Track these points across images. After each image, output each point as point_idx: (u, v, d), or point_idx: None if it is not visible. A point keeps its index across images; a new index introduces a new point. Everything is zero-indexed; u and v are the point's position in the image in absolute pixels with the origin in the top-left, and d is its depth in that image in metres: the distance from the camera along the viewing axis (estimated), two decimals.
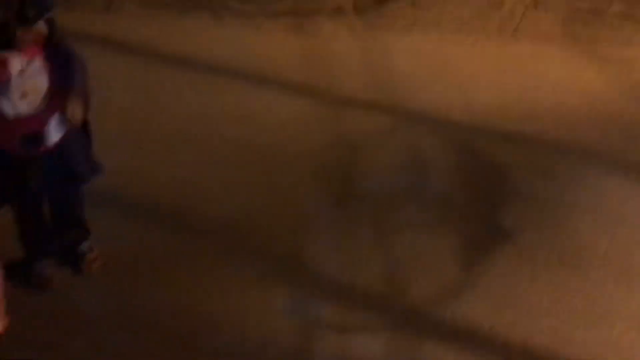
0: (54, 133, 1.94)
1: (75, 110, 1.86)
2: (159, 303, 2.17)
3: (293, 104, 3.31)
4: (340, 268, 2.36)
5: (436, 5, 4.47)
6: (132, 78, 3.47)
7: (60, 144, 1.98)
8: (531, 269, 2.39)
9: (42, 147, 1.94)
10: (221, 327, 2.12)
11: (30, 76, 1.82)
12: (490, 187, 2.78)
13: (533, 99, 3.44)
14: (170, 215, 2.53)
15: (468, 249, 2.46)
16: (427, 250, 2.44)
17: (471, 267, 2.39)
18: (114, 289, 2.23)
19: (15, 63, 1.79)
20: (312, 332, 2.13)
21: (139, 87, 3.39)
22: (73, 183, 2.13)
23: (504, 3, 4.52)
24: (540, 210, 2.65)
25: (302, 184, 2.74)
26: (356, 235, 2.50)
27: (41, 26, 1.83)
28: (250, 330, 2.11)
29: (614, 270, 2.39)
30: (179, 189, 2.65)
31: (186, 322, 2.13)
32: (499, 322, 2.19)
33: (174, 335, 2.08)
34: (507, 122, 3.23)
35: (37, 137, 1.92)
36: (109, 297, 2.21)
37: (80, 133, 2.05)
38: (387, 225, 2.55)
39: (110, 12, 4.24)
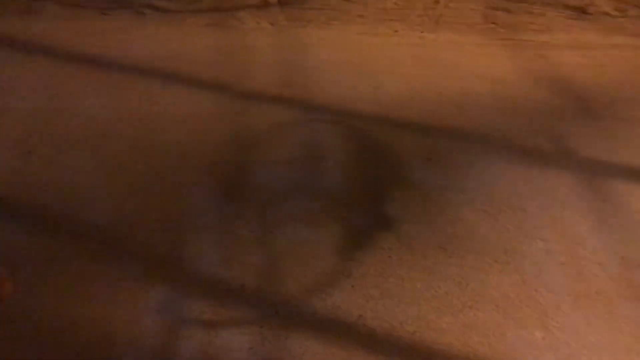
0: None
1: None
2: (29, 308, 2.16)
3: (197, 101, 3.32)
4: (218, 264, 2.36)
5: None
6: (40, 81, 3.46)
7: None
8: (409, 257, 2.40)
9: None
10: (86, 331, 2.11)
11: None
12: (380, 177, 2.80)
13: (442, 87, 3.46)
14: (52, 219, 2.52)
15: (349, 240, 2.47)
16: (307, 242, 2.45)
17: (349, 257, 2.40)
18: None
19: None
20: (180, 329, 2.13)
21: (45, 90, 3.38)
22: None
23: None
24: (425, 198, 2.66)
25: (193, 182, 2.74)
26: (238, 231, 2.50)
27: None
28: (117, 332, 2.11)
29: (490, 255, 2.41)
30: (64, 193, 2.64)
31: (53, 324, 2.12)
32: (368, 311, 2.20)
33: (37, 336, 2.07)
34: (411, 112, 3.25)
35: None
36: None
37: None
38: (270, 219, 2.55)
39: (31, 14, 4.23)
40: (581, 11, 4.37)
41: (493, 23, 4.23)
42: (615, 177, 2.82)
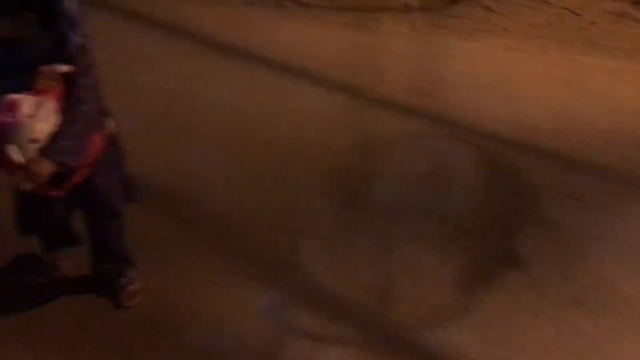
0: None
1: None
2: (148, 286, 2.18)
3: (327, 101, 3.25)
4: (331, 276, 2.27)
5: (511, 11, 4.23)
6: (181, 64, 3.54)
7: (84, 180, 1.80)
8: (538, 304, 2.18)
9: (60, 188, 1.74)
10: (198, 320, 2.11)
11: (40, 119, 1.59)
12: (514, 208, 2.58)
13: (591, 118, 3.16)
14: (176, 204, 2.55)
15: (472, 273, 2.29)
16: (426, 268, 2.30)
17: (471, 291, 2.22)
18: None
19: (26, 106, 1.57)
20: (286, 338, 2.06)
21: (185, 74, 3.46)
22: (104, 216, 1.96)
23: (586, 13, 4.19)
24: (564, 240, 2.42)
25: (313, 184, 2.67)
26: (355, 243, 2.40)
27: (63, 68, 1.63)
28: (226, 327, 2.08)
29: (631, 318, 2.14)
30: (191, 179, 2.66)
31: (166, 309, 2.13)
32: (483, 356, 2.02)
33: (151, 320, 2.09)
34: (554, 141, 2.98)
35: (54, 177, 1.70)
36: None
37: (110, 163, 1.87)
38: (390, 236, 2.43)
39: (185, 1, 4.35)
40: None
41: None
42: None
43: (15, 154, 1.57)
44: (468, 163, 2.82)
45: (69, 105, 1.64)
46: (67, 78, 1.65)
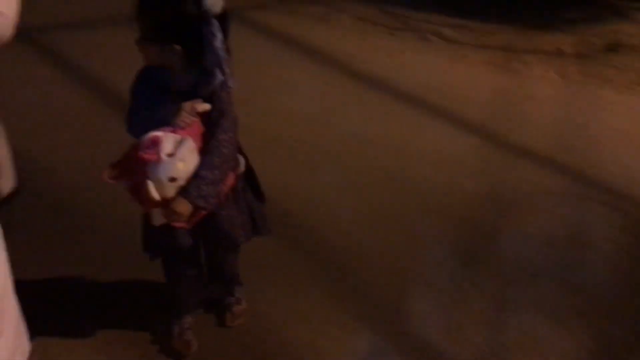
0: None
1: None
2: (253, 309, 2.18)
3: (460, 143, 3.12)
4: (438, 331, 2.14)
5: None
6: (317, 88, 3.59)
7: (211, 214, 1.77)
8: None
9: (187, 222, 1.70)
10: (294, 351, 2.07)
11: (181, 159, 1.58)
12: None
13: None
14: (291, 229, 2.55)
15: (598, 356, 2.05)
16: (545, 342, 2.09)
17: None
18: None
19: (167, 144, 1.57)
20: None
21: (319, 98, 3.50)
22: (224, 247, 1.95)
23: None
24: None
25: (434, 230, 2.55)
26: (469, 300, 2.24)
27: (205, 106, 1.64)
28: None
29: None
30: (310, 204, 2.66)
31: (266, 334, 2.12)
32: None
33: (248, 344, 2.08)
34: None
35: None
36: None
37: (237, 197, 1.85)
38: (508, 299, 2.25)
39: (326, 23, 4.45)
40: None
41: None
42: None
43: (154, 191, 1.58)
44: (610, 231, 2.55)
45: (210, 148, 1.64)
46: (207, 117, 1.65)
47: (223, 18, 1.59)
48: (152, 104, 1.66)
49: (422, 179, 2.84)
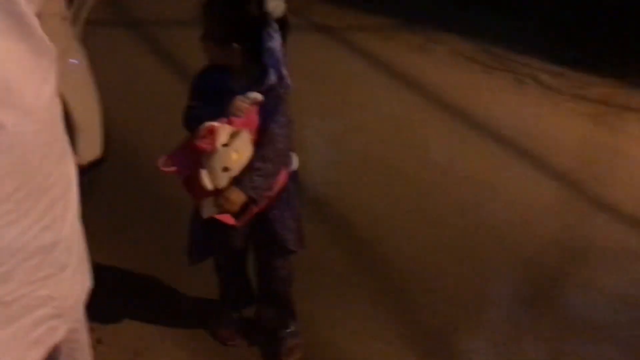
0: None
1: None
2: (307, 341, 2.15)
3: (541, 188, 3.04)
4: None
5: None
6: (403, 112, 3.62)
7: (263, 211, 1.78)
8: None
9: (238, 219, 1.72)
10: None
11: (235, 149, 1.62)
12: None
13: None
14: (359, 240, 2.57)
15: None
16: None
17: None
18: None
19: (222, 134, 1.60)
20: None
21: (399, 119, 3.52)
22: (274, 252, 1.92)
23: None
24: None
25: (501, 266, 2.50)
26: (525, 347, 2.17)
27: (257, 95, 1.65)
28: None
29: None
30: (375, 225, 2.68)
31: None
32: None
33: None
34: None
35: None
36: None
37: (288, 199, 1.85)
38: (568, 353, 2.16)
39: (423, 53, 4.48)
40: None
41: None
42: None
43: (207, 180, 1.62)
44: None
45: (265, 141, 1.68)
46: (262, 112, 1.68)
47: (283, 22, 1.65)
48: (209, 101, 1.72)
49: (497, 216, 2.79)
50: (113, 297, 2.17)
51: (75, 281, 1.32)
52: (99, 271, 1.36)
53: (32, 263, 1.13)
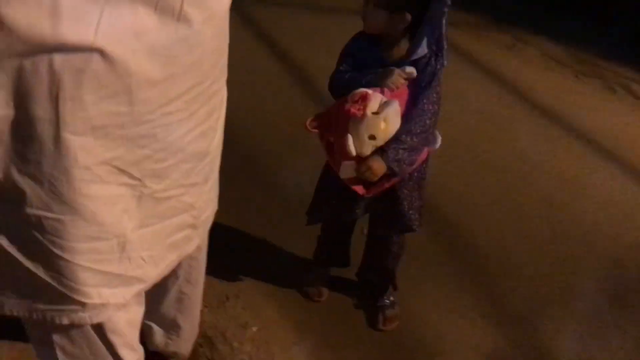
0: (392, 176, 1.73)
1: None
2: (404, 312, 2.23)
3: (631, 192, 3.03)
4: (567, 356, 2.13)
5: None
6: (491, 107, 3.65)
7: (395, 187, 1.79)
8: None
9: (369, 189, 1.75)
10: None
11: (384, 119, 1.62)
12: None
13: None
14: (450, 225, 2.63)
15: None
16: None
17: None
18: None
19: (374, 102, 1.61)
20: None
21: (492, 116, 3.55)
22: (396, 229, 1.93)
23: None
24: None
25: (587, 264, 2.53)
26: (606, 337, 2.21)
27: (413, 71, 1.67)
28: None
29: None
30: (467, 210, 2.74)
31: (414, 337, 2.17)
32: None
33: (400, 347, 2.14)
34: None
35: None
36: None
37: (419, 179, 1.85)
38: None
39: (512, 51, 4.48)
40: None
41: None
42: None
43: (351, 146, 1.64)
44: None
45: (414, 115, 1.67)
46: (414, 86, 1.69)
47: None
48: (359, 68, 1.75)
49: (585, 215, 2.80)
50: (210, 243, 2.30)
51: (211, 197, 1.43)
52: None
53: (186, 167, 1.24)
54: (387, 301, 2.15)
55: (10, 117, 0.98)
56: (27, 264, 1.15)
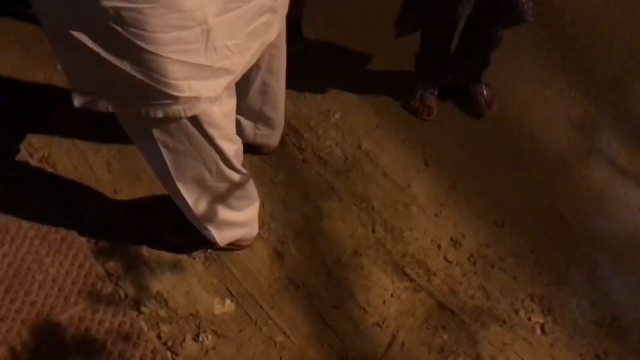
0: None
1: None
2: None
3: None
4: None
5: None
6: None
7: None
8: None
9: None
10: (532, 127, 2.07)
11: None
12: None
13: None
14: None
15: None
16: None
17: None
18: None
19: None
20: (590, 156, 1.99)
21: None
22: (506, 21, 1.80)
23: None
24: None
25: None
26: None
27: None
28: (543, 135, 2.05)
29: None
30: None
31: (514, 115, 2.09)
32: None
33: (502, 127, 2.09)
34: None
35: None
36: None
37: None
38: None
39: None
40: None
41: None
42: None
43: None
44: None
45: None
46: None
47: None
48: None
49: None
50: (307, 58, 2.21)
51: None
52: None
53: None
54: (483, 85, 2.08)
55: None
56: (113, 60, 1.13)
